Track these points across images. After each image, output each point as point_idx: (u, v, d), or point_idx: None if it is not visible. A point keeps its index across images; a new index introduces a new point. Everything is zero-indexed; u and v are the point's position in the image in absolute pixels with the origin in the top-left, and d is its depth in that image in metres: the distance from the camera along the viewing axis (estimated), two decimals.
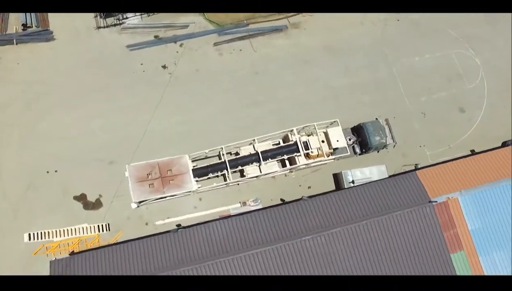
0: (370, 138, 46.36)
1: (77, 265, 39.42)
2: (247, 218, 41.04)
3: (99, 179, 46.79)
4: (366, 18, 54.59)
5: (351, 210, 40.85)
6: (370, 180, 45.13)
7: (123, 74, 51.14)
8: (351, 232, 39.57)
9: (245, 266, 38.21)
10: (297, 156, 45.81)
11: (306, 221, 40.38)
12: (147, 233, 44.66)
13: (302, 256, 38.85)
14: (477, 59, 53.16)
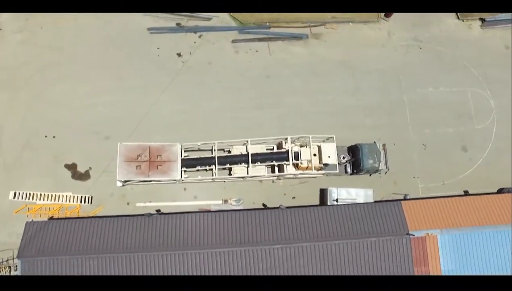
0: (363, 160, 45.84)
1: (51, 231, 40.27)
2: (224, 216, 41.04)
3: (93, 152, 47.80)
4: (389, 41, 54.00)
5: (327, 227, 40.28)
6: (354, 201, 44.52)
7: (138, 55, 52.09)
8: (322, 249, 39.09)
9: (210, 262, 38.14)
10: (286, 164, 45.77)
11: (280, 230, 39.97)
12: (127, 212, 45.36)
13: (268, 264, 38.54)
14: (492, 101, 51.80)
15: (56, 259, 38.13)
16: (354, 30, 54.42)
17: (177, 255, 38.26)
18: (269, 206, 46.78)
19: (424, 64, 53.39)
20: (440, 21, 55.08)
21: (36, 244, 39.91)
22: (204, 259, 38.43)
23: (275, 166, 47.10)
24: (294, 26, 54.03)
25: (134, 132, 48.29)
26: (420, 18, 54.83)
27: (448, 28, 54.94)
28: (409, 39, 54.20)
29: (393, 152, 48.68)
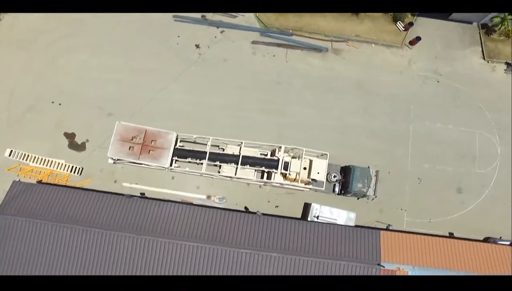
0: (352, 183, 45.63)
1: (36, 194, 41.59)
2: (202, 211, 41.34)
3: (93, 126, 49.02)
4: (408, 69, 53.34)
5: (299, 242, 40.04)
6: (334, 221, 44.14)
7: (157, 40, 52.98)
8: (289, 262, 38.83)
9: (177, 253, 38.47)
10: (274, 172, 45.83)
11: (252, 236, 39.93)
12: (112, 190, 46.41)
13: (233, 266, 38.57)
14: (499, 148, 50.70)
15: (33, 222, 39.25)
16: (375, 52, 54.02)
17: (147, 240, 38.69)
18: (251, 210, 46.84)
19: (438, 99, 52.64)
20: (465, 58, 54.34)
21: (18, 204, 41.15)
22: (173, 249, 38.74)
23: (264, 172, 47.06)
24: (316, 37, 53.98)
25: (136, 114, 49.19)
26: (445, 52, 54.37)
27: (472, 66, 54.05)
28: (428, 71, 53.53)
29: (386, 180, 48.54)
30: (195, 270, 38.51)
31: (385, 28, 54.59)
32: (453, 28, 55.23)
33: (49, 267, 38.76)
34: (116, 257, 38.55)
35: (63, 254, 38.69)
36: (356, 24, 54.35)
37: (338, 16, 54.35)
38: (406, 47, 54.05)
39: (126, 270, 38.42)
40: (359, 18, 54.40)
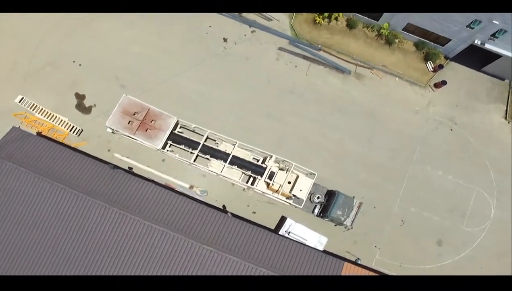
0: (332, 208, 45.37)
1: (31, 144, 43.04)
2: (178, 199, 41.70)
3: (104, 93, 50.15)
4: (425, 110, 52.37)
5: (260, 252, 39.93)
6: (304, 241, 44.04)
7: (188, 25, 53.57)
8: (246, 268, 38.58)
9: (142, 234, 38.97)
10: (259, 179, 46.18)
11: (216, 234, 40.29)
12: (103, 157, 47.48)
13: (191, 259, 38.82)
14: (493, 210, 49.20)
15: (19, 170, 40.50)
16: (397, 85, 53.24)
17: (118, 213, 39.32)
18: (228, 209, 47.18)
19: (447, 147, 51.56)
20: (486, 113, 52.96)
21: (10, 149, 42.71)
22: (140, 228, 39.23)
23: (251, 177, 47.46)
24: (343, 58, 53.66)
25: (147, 91, 50.13)
26: (468, 102, 53.17)
27: (490, 123, 52.65)
28: (445, 117, 52.47)
29: (370, 214, 48.19)
30: (149, 252, 38.92)
31: (414, 64, 53.78)
32: (483, 80, 53.97)
33: (19, 216, 39.94)
34: (83, 221, 39.42)
35: (36, 207, 39.85)
36: (386, 54, 53.77)
37: (371, 42, 53.94)
38: (429, 88, 53.12)
39: (88, 236, 39.31)
40: (391, 48, 53.76)
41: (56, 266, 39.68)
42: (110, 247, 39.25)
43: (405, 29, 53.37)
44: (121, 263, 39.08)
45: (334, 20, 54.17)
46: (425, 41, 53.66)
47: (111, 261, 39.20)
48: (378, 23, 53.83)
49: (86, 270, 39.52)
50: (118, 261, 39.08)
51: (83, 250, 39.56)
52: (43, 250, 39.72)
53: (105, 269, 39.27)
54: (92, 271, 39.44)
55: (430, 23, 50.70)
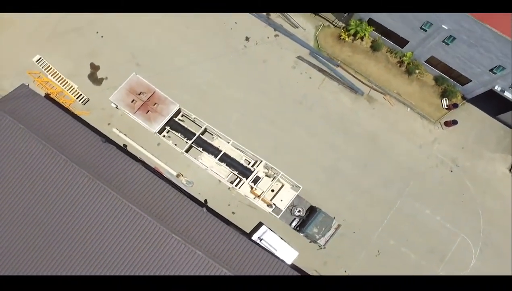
0: (310, 225, 45.02)
1: (36, 104, 44.02)
2: (161, 185, 41.94)
3: (118, 68, 50.86)
4: (429, 146, 51.21)
5: (225, 252, 39.85)
6: (273, 251, 43.87)
7: (216, 18, 53.61)
8: (209, 266, 38.68)
9: (119, 213, 39.59)
10: (244, 181, 46.18)
11: (188, 227, 40.52)
12: (102, 129, 48.58)
13: (160, 248, 39.17)
14: (474, 261, 47.69)
15: (17, 126, 41.45)
16: (407, 116, 52.30)
17: (100, 187, 39.80)
18: (210, 205, 47.33)
19: (442, 187, 50.25)
20: (490, 161, 51.38)
21: (15, 105, 43.74)
22: (116, 205, 39.66)
23: (238, 177, 47.50)
24: (359, 78, 53.01)
25: (159, 75, 50.58)
26: (475, 146, 51.71)
27: (493, 172, 51.07)
28: (447, 156, 51.14)
29: (347, 237, 47.56)
30: (120, 229, 39.42)
31: (429, 98, 52.60)
32: (496, 127, 52.34)
33: (6, 170, 41.04)
34: (64, 187, 40.17)
35: (25, 164, 40.76)
36: (403, 83, 52.74)
37: (391, 68, 52.99)
38: (439, 125, 51.95)
39: (66, 202, 39.98)
40: (409, 78, 52.71)
41: (25, 224, 40.55)
42: (83, 216, 39.93)
43: (428, 62, 52.38)
44: (90, 235, 39.52)
45: (359, 39, 53.62)
46: (446, 77, 52.49)
47: (80, 231, 39.73)
48: (402, 50, 52.90)
49: (53, 233, 40.19)
50: (87, 233, 39.57)
51: (56, 214, 40.17)
52: (19, 207, 40.52)
53: (72, 238, 39.78)
54: (57, 236, 40.07)
55: (453, 59, 49.58)
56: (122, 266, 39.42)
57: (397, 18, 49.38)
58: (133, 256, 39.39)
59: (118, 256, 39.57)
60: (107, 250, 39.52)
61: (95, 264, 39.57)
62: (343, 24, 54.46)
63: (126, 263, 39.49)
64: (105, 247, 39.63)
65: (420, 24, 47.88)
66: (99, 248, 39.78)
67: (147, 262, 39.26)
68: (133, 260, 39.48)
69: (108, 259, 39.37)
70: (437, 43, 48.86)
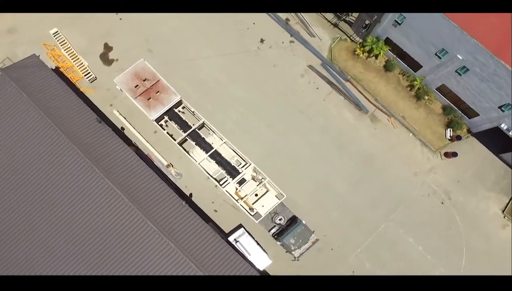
0: (287, 235, 44.25)
1: (43, 75, 44.23)
2: (147, 172, 41.82)
3: (130, 51, 50.85)
4: (424, 175, 49.85)
5: (198, 249, 39.65)
6: (246, 254, 43.51)
7: (235, 16, 53.11)
8: (181, 261, 38.65)
9: (99, 190, 39.69)
10: (230, 181, 45.62)
11: (167, 217, 40.27)
12: (103, 109, 48.77)
13: (131, 229, 39.26)
14: None
15: (20, 95, 41.83)
16: (408, 141, 50.95)
17: (87, 165, 39.97)
18: (194, 200, 47.16)
19: (430, 218, 48.86)
20: (484, 200, 49.69)
21: (22, 73, 43.93)
22: (99, 185, 39.79)
23: (226, 176, 46.88)
24: (366, 96, 51.81)
25: (168, 64, 50.56)
26: (471, 182, 50.13)
27: (485, 210, 49.41)
28: (441, 188, 49.65)
29: (324, 253, 46.80)
30: (98, 209, 39.63)
31: (433, 126, 51.19)
32: (496, 166, 50.57)
33: (5, 137, 41.95)
34: (52, 158, 40.56)
35: (19, 132, 41.14)
36: (410, 107, 51.40)
37: (401, 91, 51.66)
38: (438, 155, 50.46)
39: (51, 173, 40.30)
40: (417, 103, 51.37)
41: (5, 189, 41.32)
42: (63, 189, 40.19)
43: (439, 89, 50.92)
44: (69, 210, 39.84)
45: (374, 57, 52.42)
46: (454, 107, 50.90)
47: (54, 202, 40.09)
48: (414, 74, 51.53)
49: (30, 201, 40.55)
50: (66, 208, 39.87)
51: (39, 184, 40.48)
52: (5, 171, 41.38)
53: (51, 209, 40.10)
54: (34, 205, 40.42)
55: (464, 91, 48.08)
56: (89, 243, 39.51)
57: (414, 41, 48.22)
58: (104, 236, 39.50)
59: (88, 231, 39.67)
60: (79, 225, 39.74)
61: (63, 234, 39.83)
62: (360, 40, 53.31)
63: (94, 239, 39.57)
64: (76, 220, 39.85)
65: (436, 50, 46.65)
66: (69, 221, 39.93)
67: (116, 244, 39.29)
68: (103, 239, 39.52)
69: (76, 233, 39.52)
70: (450, 72, 47.45)
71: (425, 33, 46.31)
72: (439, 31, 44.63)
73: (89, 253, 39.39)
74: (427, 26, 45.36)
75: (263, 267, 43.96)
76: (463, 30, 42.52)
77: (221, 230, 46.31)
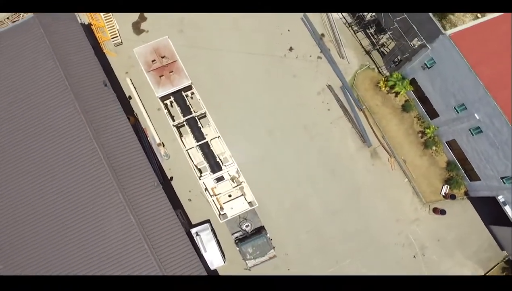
0: (247, 243, 43.36)
1: (70, 27, 44.91)
2: (135, 145, 41.83)
3: (161, 27, 50.60)
4: (406, 224, 47.64)
5: (156, 231, 39.34)
6: (202, 251, 43.03)
7: (272, 19, 51.87)
8: (135, 237, 38.97)
9: (83, 151, 40.11)
10: (210, 175, 44.63)
11: (139, 195, 40.21)
12: (118, 75, 49.43)
13: (101, 197, 39.48)
14: None
15: (43, 41, 42.42)
16: (401, 186, 48.68)
17: (81, 122, 40.38)
18: (173, 184, 46.91)
19: (397, 267, 46.65)
20: (459, 266, 47.23)
21: (53, 22, 44.37)
22: (85, 146, 40.16)
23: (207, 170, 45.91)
24: (374, 130, 49.65)
25: (192, 48, 50.32)
26: (452, 245, 47.71)
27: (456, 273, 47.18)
28: (418, 241, 47.43)
29: (279, 270, 45.87)
30: (77, 172, 39.96)
31: (432, 178, 48.57)
32: (483, 237, 47.78)
33: (9, 73, 42.78)
34: (48, 111, 41.26)
35: (29, 76, 41.98)
36: (415, 153, 48.98)
37: (411, 134, 49.21)
38: (427, 208, 47.83)
39: (42, 122, 41.10)
40: (423, 151, 48.86)
41: None
42: (52, 142, 40.75)
43: (448, 143, 48.23)
44: (48, 158, 40.53)
45: (395, 94, 49.99)
46: (458, 165, 47.99)
47: (40, 151, 40.72)
48: (430, 121, 48.93)
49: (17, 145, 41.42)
50: (45, 156, 40.53)
51: (30, 130, 41.25)
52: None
53: (32, 160, 40.81)
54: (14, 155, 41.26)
55: (472, 152, 45.38)
56: (52, 192, 40.08)
57: (437, 88, 45.98)
58: (69, 190, 39.90)
59: (55, 181, 40.14)
60: (47, 171, 40.28)
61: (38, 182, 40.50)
62: (387, 73, 51.15)
63: (58, 190, 40.06)
64: (47, 166, 40.44)
65: (456, 104, 44.29)
66: (40, 166, 40.58)
67: (80, 201, 39.69)
68: (68, 194, 39.88)
69: (43, 179, 40.20)
70: (463, 129, 44.95)
71: (450, 83, 44.12)
72: (463, 85, 42.67)
73: (49, 202, 40.03)
74: (454, 77, 43.35)
75: (214, 267, 43.37)
76: (487, 90, 40.29)
77: (188, 220, 45.76)
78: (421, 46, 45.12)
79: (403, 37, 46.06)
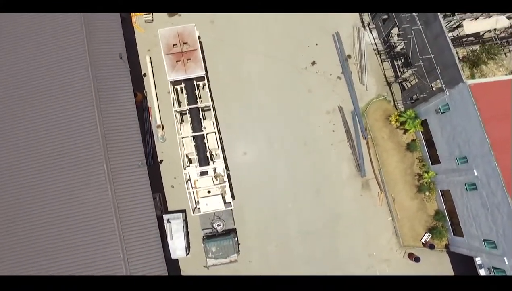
0: (212, 242, 43.03)
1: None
2: (134, 122, 42.28)
3: (196, 15, 49.34)
4: (376, 261, 46.22)
5: (130, 211, 39.87)
6: (169, 238, 42.84)
7: (305, 28, 51.43)
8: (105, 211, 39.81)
9: (81, 116, 41.15)
10: (196, 167, 44.19)
11: (122, 168, 40.71)
12: (140, 50, 49.61)
13: (81, 160, 40.39)
14: None
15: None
16: (383, 223, 47.37)
17: (87, 86, 41.56)
18: (161, 167, 46.83)
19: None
20: None
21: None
22: (83, 107, 41.29)
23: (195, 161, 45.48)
24: (373, 162, 48.00)
25: (220, 41, 50.07)
26: None
27: None
28: None
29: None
30: (68, 135, 41.00)
31: (416, 223, 46.88)
32: None
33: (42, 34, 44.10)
34: (65, 71, 42.39)
35: (53, 35, 43.24)
36: (407, 194, 47.42)
37: (409, 174, 47.63)
38: (402, 252, 46.07)
39: (59, 83, 42.28)
40: (416, 194, 47.17)
41: None
42: (56, 95, 42.07)
43: (442, 192, 46.14)
44: (45, 122, 41.67)
45: (403, 130, 48.14)
46: (446, 217, 45.89)
47: (41, 102, 42.01)
48: (430, 167, 46.86)
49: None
50: (45, 120, 41.68)
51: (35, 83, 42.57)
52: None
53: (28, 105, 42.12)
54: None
55: (462, 207, 43.49)
56: (45, 148, 41.23)
57: (445, 136, 43.97)
58: (59, 150, 40.97)
59: (49, 137, 41.38)
60: (50, 130, 41.42)
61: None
62: (401, 109, 49.46)
63: (49, 147, 41.21)
64: (50, 128, 41.54)
65: (458, 155, 42.34)
66: (44, 125, 41.67)
67: (64, 162, 40.67)
68: (56, 152, 40.98)
69: (39, 138, 41.35)
70: (459, 182, 42.92)
71: (458, 132, 42.04)
72: (470, 138, 40.62)
73: (37, 152, 41.20)
74: (464, 127, 41.29)
75: (176, 256, 43.22)
76: (492, 149, 38.23)
77: (165, 206, 45.67)
78: (440, 90, 43.20)
79: (425, 77, 44.36)
